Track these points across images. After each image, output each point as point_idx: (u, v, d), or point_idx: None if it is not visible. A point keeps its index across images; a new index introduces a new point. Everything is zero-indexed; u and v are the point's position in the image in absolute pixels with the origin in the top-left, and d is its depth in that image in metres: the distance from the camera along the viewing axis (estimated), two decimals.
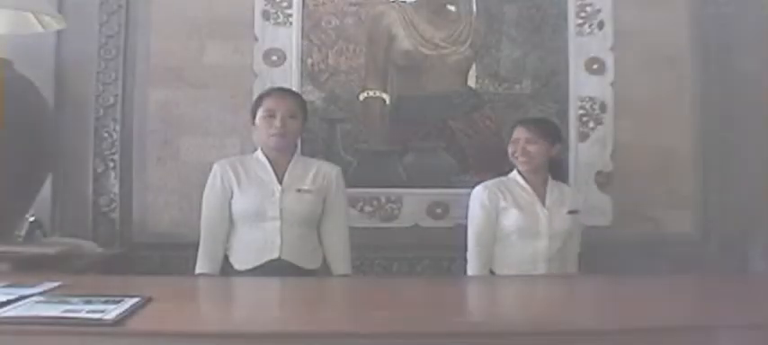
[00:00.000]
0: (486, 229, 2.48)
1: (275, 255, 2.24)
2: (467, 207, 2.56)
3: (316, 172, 2.36)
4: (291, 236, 2.26)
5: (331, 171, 2.40)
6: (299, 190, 2.29)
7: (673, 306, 1.60)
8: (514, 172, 2.58)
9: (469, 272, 2.49)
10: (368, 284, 2.35)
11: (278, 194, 2.26)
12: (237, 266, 2.26)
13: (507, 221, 2.47)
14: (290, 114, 2.31)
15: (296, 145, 2.47)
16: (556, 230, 2.47)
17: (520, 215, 2.46)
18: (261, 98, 2.38)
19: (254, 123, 2.37)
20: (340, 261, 2.38)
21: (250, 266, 2.24)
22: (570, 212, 2.52)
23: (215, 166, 2.35)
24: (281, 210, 2.25)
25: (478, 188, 2.54)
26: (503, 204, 2.48)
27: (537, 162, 2.54)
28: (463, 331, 1.33)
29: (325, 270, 2.39)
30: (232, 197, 2.28)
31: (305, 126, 2.47)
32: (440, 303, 1.70)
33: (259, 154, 2.35)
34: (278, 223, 2.24)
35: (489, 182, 2.55)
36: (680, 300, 1.74)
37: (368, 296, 1.80)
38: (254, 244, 2.25)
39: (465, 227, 2.70)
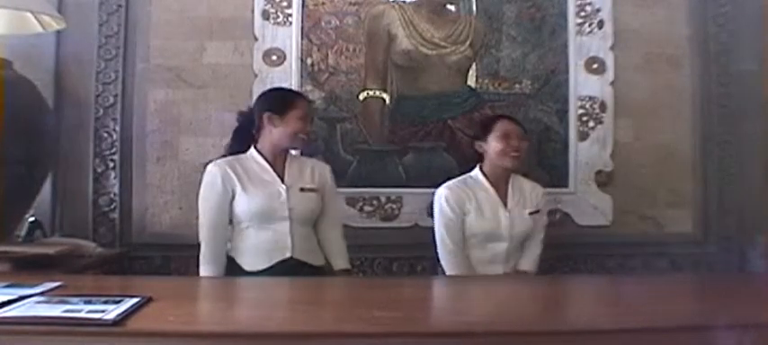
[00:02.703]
0: (456, 228, 2.46)
1: (287, 255, 2.23)
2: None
3: (312, 171, 2.37)
4: (300, 235, 2.27)
5: (324, 169, 2.43)
6: (302, 190, 2.29)
7: (672, 306, 1.60)
8: (477, 171, 2.55)
9: (449, 272, 2.45)
10: (368, 284, 2.35)
11: (284, 194, 2.26)
12: (247, 267, 2.23)
13: (471, 226, 2.46)
14: (311, 120, 2.38)
15: None
16: (517, 232, 2.48)
17: (483, 220, 2.46)
18: (293, 98, 2.33)
19: (277, 118, 2.27)
20: (340, 257, 2.40)
21: (261, 267, 2.22)
22: (531, 213, 2.51)
23: (211, 168, 2.28)
24: (289, 210, 2.25)
25: (442, 189, 2.51)
26: (468, 207, 2.46)
27: (523, 159, 2.53)
28: (463, 331, 1.33)
29: (327, 267, 2.39)
30: (233, 198, 2.25)
31: None
32: (440, 303, 1.70)
33: (255, 154, 2.31)
34: (287, 223, 2.24)
35: (452, 183, 2.53)
36: (680, 300, 1.74)
37: (368, 296, 1.80)
38: (265, 246, 2.24)
39: None
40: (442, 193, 2.50)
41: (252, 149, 2.33)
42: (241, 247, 2.26)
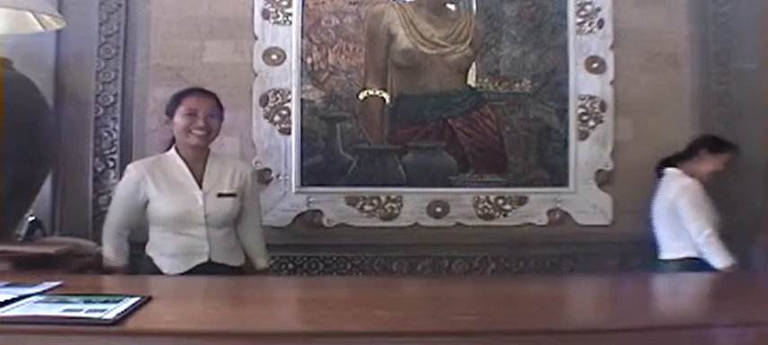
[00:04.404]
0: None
1: (205, 259, 2.24)
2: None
3: (233, 174, 2.35)
4: (217, 238, 2.27)
5: (246, 170, 2.41)
6: (219, 195, 2.28)
7: (672, 305, 1.60)
8: (677, 171, 2.81)
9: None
10: (368, 283, 2.35)
11: (201, 200, 2.25)
12: (166, 270, 2.24)
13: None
14: (211, 113, 2.29)
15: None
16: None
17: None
18: (180, 97, 2.31)
19: (171, 121, 2.30)
20: (261, 258, 2.44)
21: (180, 271, 2.23)
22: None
23: (130, 169, 2.29)
24: (205, 216, 2.24)
25: (689, 181, 2.74)
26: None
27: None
28: (463, 331, 1.33)
29: (248, 267, 2.42)
30: (149, 202, 2.25)
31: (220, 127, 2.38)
32: (440, 302, 1.70)
33: (174, 155, 2.30)
34: (203, 228, 2.24)
35: (688, 178, 2.76)
36: (680, 300, 1.74)
37: (368, 296, 1.80)
38: (183, 250, 2.25)
39: (463, 226, 2.69)
40: (688, 183, 2.74)
41: (172, 150, 2.32)
42: (159, 250, 2.27)
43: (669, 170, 2.84)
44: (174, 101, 2.32)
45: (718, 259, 2.62)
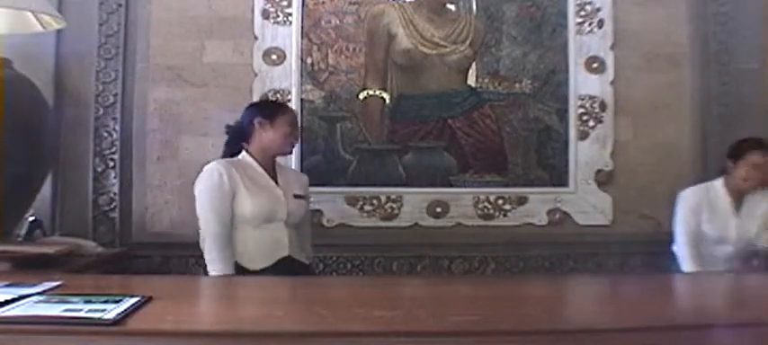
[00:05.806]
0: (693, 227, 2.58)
1: (285, 253, 2.31)
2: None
3: (296, 179, 2.50)
4: (292, 235, 2.35)
5: (304, 178, 2.56)
6: (295, 196, 2.38)
7: (672, 306, 1.60)
8: (719, 181, 2.64)
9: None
10: (368, 283, 2.35)
11: (283, 199, 2.33)
12: (249, 266, 2.27)
13: (705, 227, 2.58)
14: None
15: None
16: (743, 238, 2.54)
17: (714, 224, 2.57)
18: (282, 107, 2.48)
19: (267, 123, 2.33)
20: (309, 259, 2.51)
21: (262, 266, 2.28)
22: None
23: (215, 166, 2.27)
24: (287, 214, 2.32)
25: (687, 192, 2.64)
26: (705, 214, 2.58)
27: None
28: (463, 331, 1.33)
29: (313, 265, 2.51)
30: (234, 198, 2.27)
31: None
32: (440, 302, 1.70)
33: (248, 158, 2.35)
34: (282, 224, 2.32)
35: (692, 189, 2.65)
36: (680, 299, 1.74)
37: (368, 296, 1.80)
38: (266, 245, 2.31)
39: (463, 226, 2.74)
40: (685, 195, 2.64)
41: (244, 153, 2.37)
42: (240, 247, 2.29)
43: None
44: (273, 109, 2.42)
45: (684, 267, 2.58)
